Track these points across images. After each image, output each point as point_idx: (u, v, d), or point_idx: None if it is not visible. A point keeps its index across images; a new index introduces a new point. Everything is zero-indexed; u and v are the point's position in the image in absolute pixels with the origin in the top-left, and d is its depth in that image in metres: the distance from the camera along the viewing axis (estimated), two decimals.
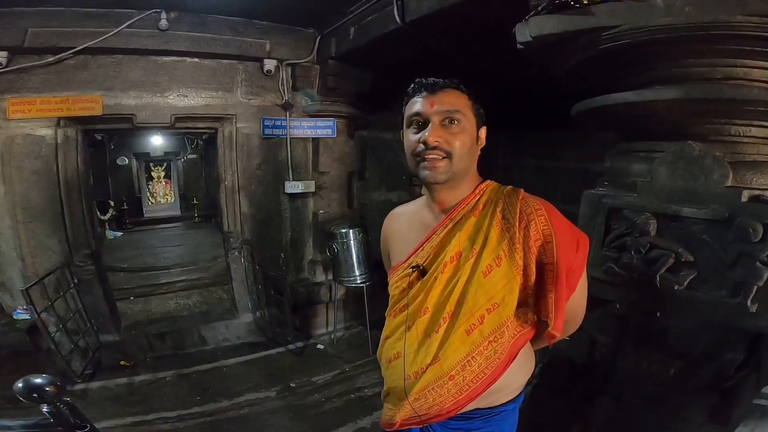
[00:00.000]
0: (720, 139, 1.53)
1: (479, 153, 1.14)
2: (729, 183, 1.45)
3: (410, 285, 1.12)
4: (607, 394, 1.76)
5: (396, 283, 1.18)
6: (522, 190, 1.10)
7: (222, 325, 4.23)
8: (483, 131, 1.14)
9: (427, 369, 1.05)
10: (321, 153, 4.31)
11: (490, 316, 1.02)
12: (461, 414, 1.10)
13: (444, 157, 1.05)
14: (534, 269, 1.01)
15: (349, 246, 3.97)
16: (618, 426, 1.70)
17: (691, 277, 1.52)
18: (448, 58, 3.65)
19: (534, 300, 1.04)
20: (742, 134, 1.51)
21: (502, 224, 1.04)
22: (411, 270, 1.12)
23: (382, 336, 1.22)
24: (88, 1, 3.22)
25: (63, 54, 3.30)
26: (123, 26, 3.34)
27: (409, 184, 5.20)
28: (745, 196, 1.42)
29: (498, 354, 1.03)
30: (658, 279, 1.57)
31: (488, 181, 1.15)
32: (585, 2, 1.56)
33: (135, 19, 3.37)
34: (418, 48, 3.29)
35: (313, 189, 4.35)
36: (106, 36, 3.30)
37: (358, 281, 4.01)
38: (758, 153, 1.53)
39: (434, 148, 1.04)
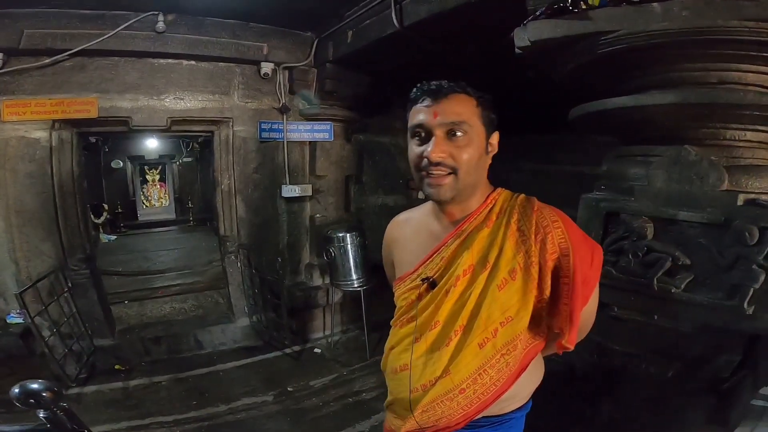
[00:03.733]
0: (716, 143, 1.55)
1: (490, 161, 1.08)
2: (725, 187, 1.46)
3: (419, 297, 1.08)
4: (607, 395, 1.77)
5: (403, 294, 1.14)
6: (536, 200, 1.06)
7: (218, 329, 4.20)
8: (495, 137, 1.06)
9: (436, 382, 1.03)
10: (318, 157, 4.31)
11: (503, 329, 1.00)
12: (469, 423, 1.07)
13: (449, 173, 0.99)
14: (549, 282, 0.99)
15: (346, 250, 3.97)
16: (618, 428, 1.71)
17: (688, 280, 1.54)
18: (446, 62, 3.68)
19: (547, 312, 1.02)
20: (737, 138, 1.53)
21: (517, 236, 1.01)
22: (420, 282, 1.08)
23: (387, 345, 1.20)
24: (84, 2, 3.20)
25: (59, 56, 3.28)
26: (119, 28, 3.32)
27: (405, 187, 5.21)
28: (741, 199, 1.44)
29: (510, 366, 1.02)
30: (655, 282, 1.58)
31: (499, 189, 1.11)
32: (583, 7, 1.58)
33: (132, 21, 3.36)
34: (416, 52, 3.31)
35: (310, 193, 4.34)
36: (103, 38, 3.28)
37: (356, 285, 4.00)
38: (753, 157, 1.56)
39: (438, 164, 0.98)
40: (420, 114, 1.01)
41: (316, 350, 4.17)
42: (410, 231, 1.20)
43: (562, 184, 4.04)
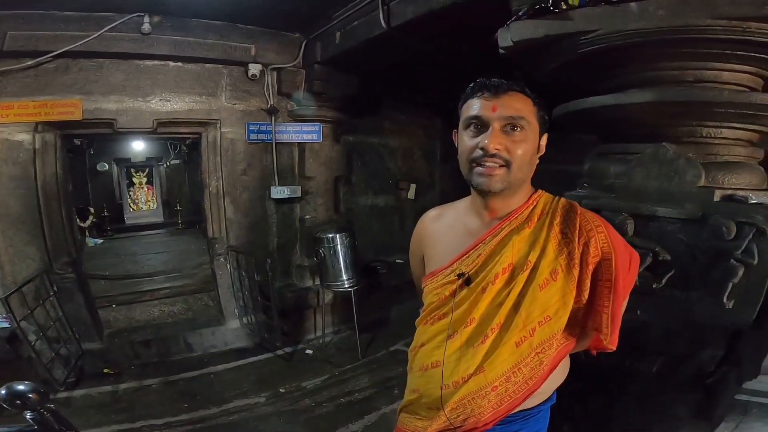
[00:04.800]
0: (693, 140, 1.59)
1: (538, 161, 1.09)
2: (702, 183, 1.50)
3: (453, 293, 1.08)
4: (595, 392, 1.79)
5: (436, 290, 1.12)
6: (578, 205, 1.08)
7: (208, 331, 4.17)
8: (544, 139, 1.08)
9: (469, 379, 1.03)
10: (307, 158, 4.31)
11: (541, 328, 1.01)
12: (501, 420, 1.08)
13: (502, 165, 1.00)
14: (588, 284, 1.01)
15: (336, 251, 3.97)
16: (608, 424, 1.73)
17: (669, 275, 1.56)
18: (433, 62, 3.71)
19: (583, 313, 1.04)
20: (714, 136, 1.57)
21: (560, 238, 1.03)
22: (456, 278, 1.07)
23: (416, 343, 1.18)
24: (68, 4, 3.17)
25: (42, 57, 3.24)
26: (104, 30, 3.30)
27: (395, 187, 5.23)
28: (718, 195, 1.47)
29: (543, 365, 1.03)
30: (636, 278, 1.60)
31: (540, 191, 1.12)
32: (564, 7, 1.61)
33: (116, 22, 3.33)
34: (404, 52, 3.33)
35: (299, 194, 4.34)
36: (87, 39, 3.26)
37: (346, 286, 4.00)
38: (729, 154, 1.60)
39: (493, 155, 0.99)
40: (477, 106, 1.03)
41: (307, 351, 4.16)
42: (444, 226, 1.20)
43: (549, 182, 4.08)
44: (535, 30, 1.69)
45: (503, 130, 1.00)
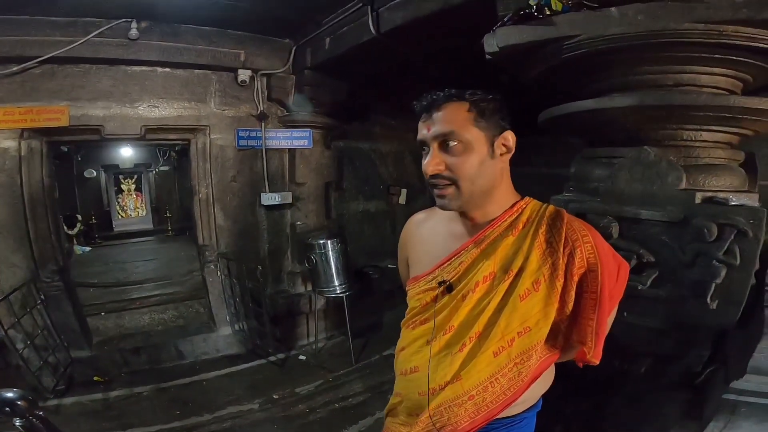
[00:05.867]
0: (674, 143, 1.62)
1: (507, 163, 1.04)
2: (683, 186, 1.52)
3: (435, 300, 1.07)
4: (585, 393, 1.81)
5: (418, 295, 1.11)
6: (566, 213, 1.04)
7: (200, 338, 4.13)
8: (506, 137, 1.01)
9: (446, 386, 1.02)
10: (297, 164, 4.30)
11: (520, 339, 0.99)
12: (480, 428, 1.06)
13: (449, 185, 0.98)
14: (573, 296, 0.98)
15: (327, 257, 3.96)
16: (599, 425, 1.74)
17: (654, 276, 1.59)
18: (423, 68, 3.74)
19: (567, 325, 1.01)
20: (694, 139, 1.60)
21: (544, 248, 0.99)
22: (437, 285, 1.06)
23: (398, 346, 1.18)
24: (54, 9, 3.15)
25: (28, 63, 3.21)
26: (91, 35, 3.27)
27: (386, 193, 5.24)
28: (699, 197, 1.50)
29: (522, 376, 1.00)
30: None
31: (527, 198, 1.08)
32: (547, 13, 1.64)
33: (103, 28, 3.31)
34: (393, 58, 3.35)
35: (290, 200, 4.32)
36: (73, 45, 3.23)
37: (338, 291, 3.99)
38: (709, 156, 1.63)
39: (436, 176, 0.98)
40: (420, 129, 1.02)
41: (300, 357, 4.14)
42: (427, 231, 1.18)
43: (536, 185, 4.11)
44: (520, 35, 1.72)
45: (441, 149, 0.98)
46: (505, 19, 1.77)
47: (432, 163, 0.98)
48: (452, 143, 0.96)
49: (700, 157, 1.62)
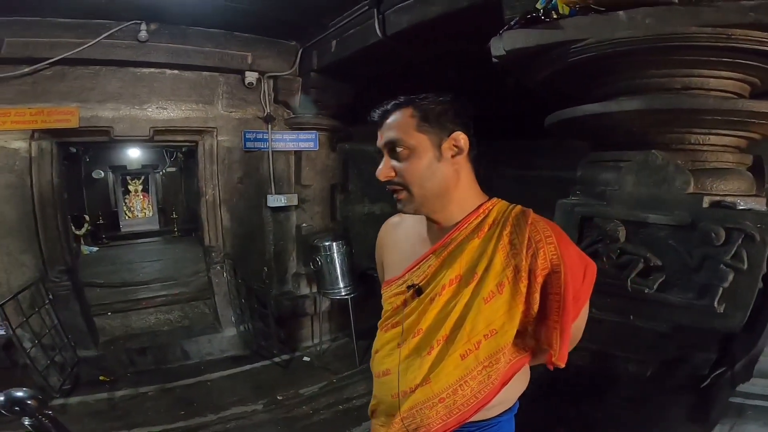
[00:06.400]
0: (681, 147, 1.61)
1: (463, 164, 1.02)
2: (691, 190, 1.52)
3: (405, 303, 1.08)
4: (589, 396, 1.80)
5: (389, 299, 1.13)
6: (532, 213, 1.02)
7: (205, 339, 4.16)
8: (456, 139, 1.00)
9: (416, 389, 1.02)
10: (303, 166, 4.32)
11: (486, 342, 0.98)
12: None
13: (402, 189, 1.02)
14: (538, 298, 0.97)
15: (332, 259, 3.97)
16: (602, 428, 1.73)
17: (660, 280, 1.58)
18: (428, 71, 3.75)
19: (534, 327, 1.01)
20: (701, 142, 1.60)
21: (508, 249, 0.98)
22: (406, 289, 1.07)
23: (373, 349, 1.19)
24: (65, 11, 3.19)
25: (39, 65, 3.26)
26: (101, 37, 3.32)
27: (391, 195, 5.24)
28: (707, 201, 1.50)
29: (492, 379, 1.00)
30: (629, 283, 1.62)
31: (494, 200, 1.07)
32: (554, 16, 1.64)
33: (113, 30, 3.35)
34: (399, 60, 3.36)
35: (295, 202, 4.34)
36: (84, 47, 3.27)
37: (343, 293, 4.01)
38: (717, 160, 1.63)
39: (388, 182, 1.02)
40: (377, 139, 1.06)
41: (305, 358, 4.15)
42: (401, 235, 1.19)
43: (542, 189, 4.10)
44: (526, 39, 1.72)
45: (391, 156, 1.02)
46: (512, 23, 1.77)
47: (382, 169, 1.02)
48: (399, 149, 0.99)
49: (707, 161, 1.61)
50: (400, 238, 1.19)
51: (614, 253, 1.64)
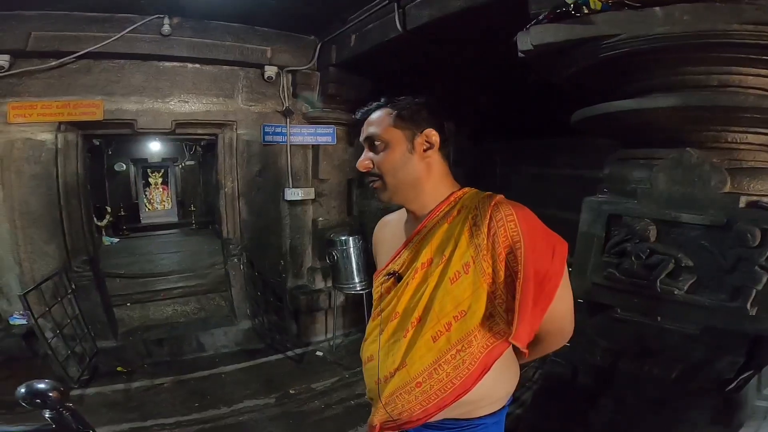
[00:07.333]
0: (717, 146, 1.56)
1: (435, 157, 1.09)
2: (727, 189, 1.48)
3: (387, 291, 1.15)
4: (609, 397, 1.77)
5: (376, 288, 1.20)
6: (499, 197, 1.06)
7: (221, 331, 4.20)
8: (428, 135, 1.07)
9: (395, 373, 1.06)
10: (321, 160, 4.33)
11: (457, 323, 1.01)
12: (434, 423, 1.09)
13: (377, 180, 1.10)
14: (503, 277, 0.98)
15: (348, 253, 3.98)
16: (620, 429, 1.71)
17: (691, 281, 1.55)
18: (448, 66, 3.71)
19: (504, 309, 1.00)
20: (739, 141, 1.54)
21: (472, 231, 1.02)
22: (387, 277, 1.14)
23: (364, 338, 1.24)
24: (91, 5, 3.24)
25: (65, 58, 3.32)
26: (125, 31, 3.36)
27: None
28: (743, 201, 1.45)
29: (467, 364, 1.01)
30: (658, 284, 1.59)
31: (466, 189, 1.12)
32: (585, 11, 1.60)
33: (137, 24, 3.40)
34: (419, 56, 3.33)
35: (312, 196, 4.36)
36: (109, 41, 3.32)
37: (358, 288, 4.01)
38: (755, 159, 1.57)
39: (366, 173, 1.11)
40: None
41: (318, 353, 4.17)
42: (390, 232, 1.26)
43: (561, 187, 4.05)
44: (556, 34, 1.68)
45: (370, 149, 1.11)
46: (540, 17, 1.73)
47: (361, 161, 1.12)
48: (376, 143, 1.09)
49: (744, 160, 1.55)
50: (389, 235, 1.26)
51: (643, 252, 1.60)
